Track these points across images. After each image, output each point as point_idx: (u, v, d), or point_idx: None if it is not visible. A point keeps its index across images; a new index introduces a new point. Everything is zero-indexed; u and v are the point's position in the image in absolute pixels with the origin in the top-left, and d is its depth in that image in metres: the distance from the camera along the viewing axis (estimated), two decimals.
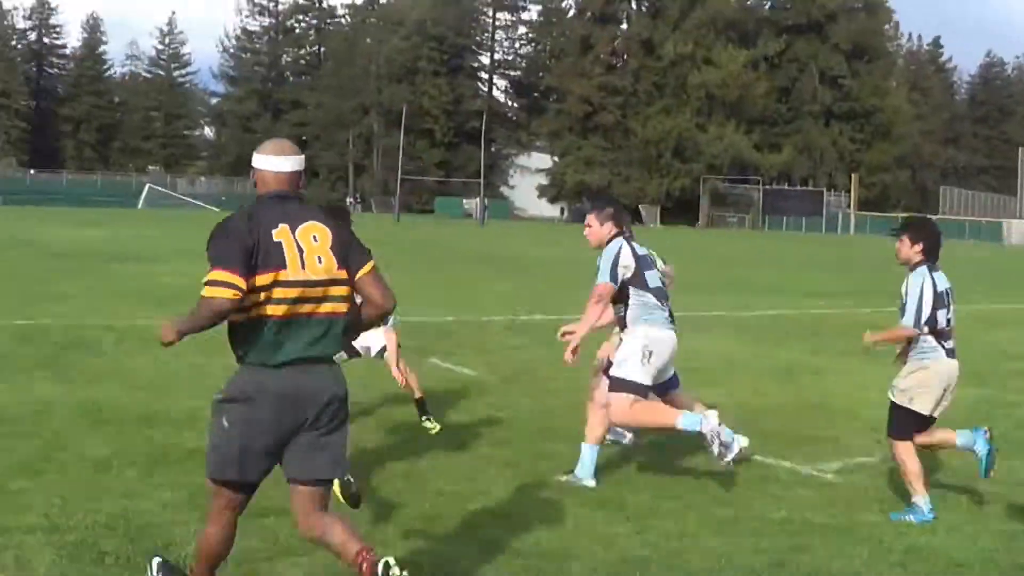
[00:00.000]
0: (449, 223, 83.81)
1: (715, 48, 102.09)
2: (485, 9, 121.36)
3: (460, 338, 14.38)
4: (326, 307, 4.03)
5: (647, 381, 6.83)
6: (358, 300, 4.27)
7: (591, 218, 7.24)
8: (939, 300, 6.45)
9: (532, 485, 7.21)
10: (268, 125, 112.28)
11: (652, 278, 7.06)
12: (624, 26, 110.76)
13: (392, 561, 3.91)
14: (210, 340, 5.94)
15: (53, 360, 10.84)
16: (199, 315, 3.93)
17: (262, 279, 3.88)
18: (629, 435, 8.13)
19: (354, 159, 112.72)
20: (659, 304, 7.00)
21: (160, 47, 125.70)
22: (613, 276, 6.88)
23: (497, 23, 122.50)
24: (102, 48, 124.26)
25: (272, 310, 3.92)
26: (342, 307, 4.09)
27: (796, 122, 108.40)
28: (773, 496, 7.17)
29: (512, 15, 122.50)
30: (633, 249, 6.99)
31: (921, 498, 6.56)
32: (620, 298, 7.03)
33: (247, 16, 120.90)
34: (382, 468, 7.38)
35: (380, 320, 4.65)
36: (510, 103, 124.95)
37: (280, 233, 3.96)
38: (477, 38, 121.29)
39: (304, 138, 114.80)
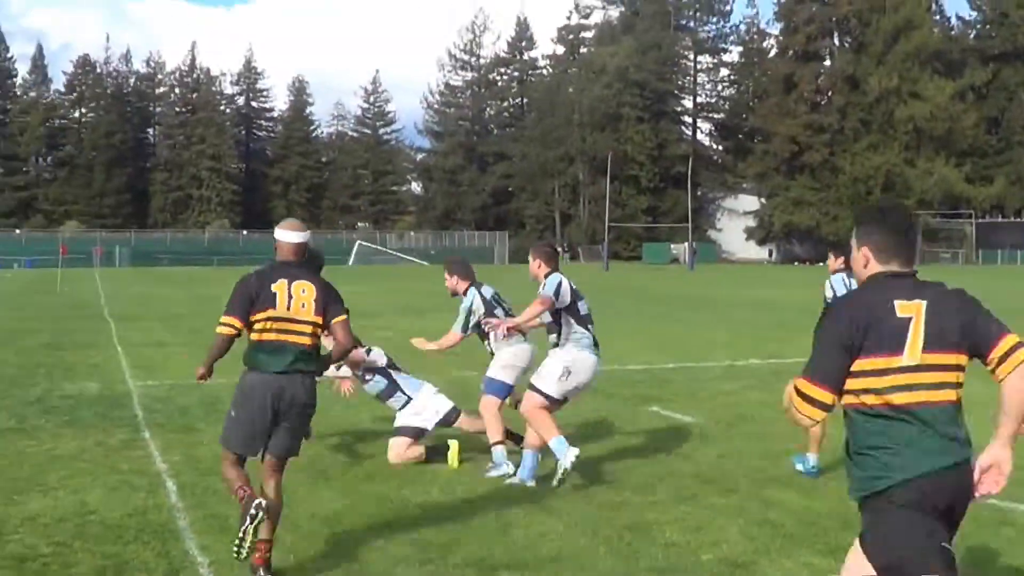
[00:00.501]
0: (658, 269, 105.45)
1: (921, 80, 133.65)
2: (686, 53, 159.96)
3: (678, 385, 18.79)
4: (307, 340, 8.41)
5: (555, 395, 11.24)
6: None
7: (531, 259, 11.85)
8: None
9: (763, 534, 9.45)
10: (474, 178, 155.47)
11: (583, 307, 11.46)
12: (827, 63, 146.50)
13: (263, 503, 8.02)
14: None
15: None
16: (213, 347, 8.42)
17: (259, 316, 8.23)
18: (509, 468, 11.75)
19: (560, 208, 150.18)
20: (586, 331, 11.45)
21: (365, 106, 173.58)
22: (556, 293, 11.19)
23: (699, 66, 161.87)
24: (308, 109, 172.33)
25: (267, 336, 8.29)
26: (313, 342, 8.44)
27: (1007, 152, 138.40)
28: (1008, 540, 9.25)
29: (713, 57, 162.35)
30: (570, 283, 11.35)
31: None
32: (554, 324, 11.40)
33: (450, 71, 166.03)
34: (611, 518, 9.79)
35: (343, 354, 8.92)
36: (715, 146, 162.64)
37: (278, 286, 8.25)
38: (679, 82, 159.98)
39: (510, 189, 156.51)
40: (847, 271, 11.88)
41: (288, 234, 8.73)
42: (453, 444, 12.39)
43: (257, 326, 8.45)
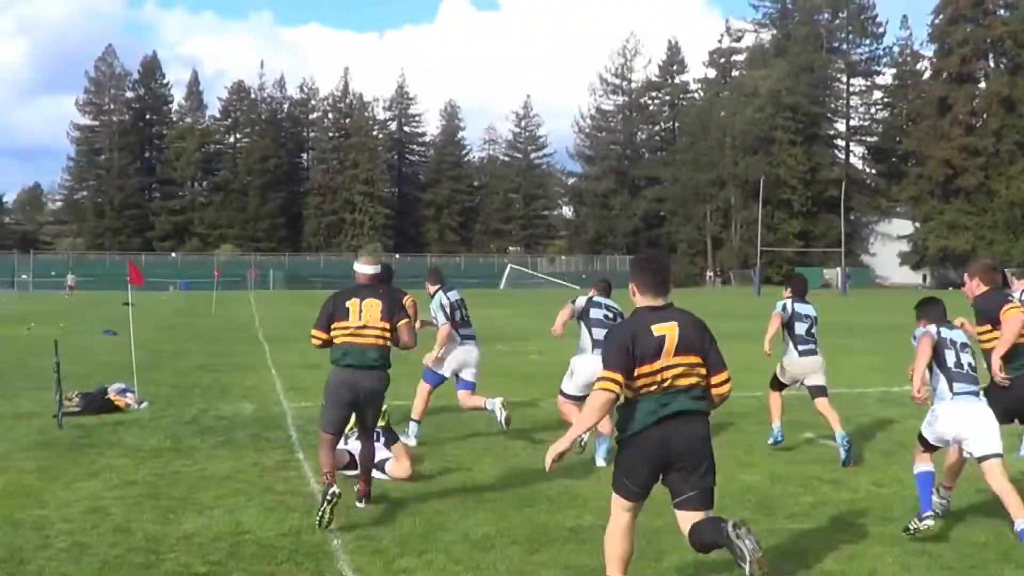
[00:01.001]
0: (810, 294, 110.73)
1: None
2: (839, 76, 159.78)
3: (839, 414, 16.44)
4: (377, 341, 11.11)
5: (568, 390, 14.04)
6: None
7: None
8: None
9: (920, 565, 9.42)
10: (625, 202, 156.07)
11: (595, 314, 14.18)
12: (982, 84, 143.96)
13: (337, 492, 10.32)
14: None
15: (430, 439, 15.75)
16: (317, 347, 11.74)
17: (339, 326, 11.10)
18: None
19: (712, 232, 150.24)
20: (592, 337, 13.87)
21: (516, 130, 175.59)
22: (573, 301, 14.55)
23: (851, 89, 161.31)
24: (460, 134, 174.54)
25: (342, 340, 11.06)
26: (383, 343, 11.10)
27: None
28: None
29: (866, 80, 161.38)
30: (590, 298, 14.38)
31: None
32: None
33: (601, 95, 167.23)
34: (765, 546, 8.65)
35: (407, 348, 11.61)
36: (868, 169, 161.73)
37: (351, 303, 11.07)
38: (832, 105, 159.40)
39: (662, 213, 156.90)
40: (792, 298, 15.62)
41: (364, 267, 11.95)
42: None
43: (336, 333, 11.38)
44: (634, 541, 8.40)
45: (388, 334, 11.40)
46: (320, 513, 10.38)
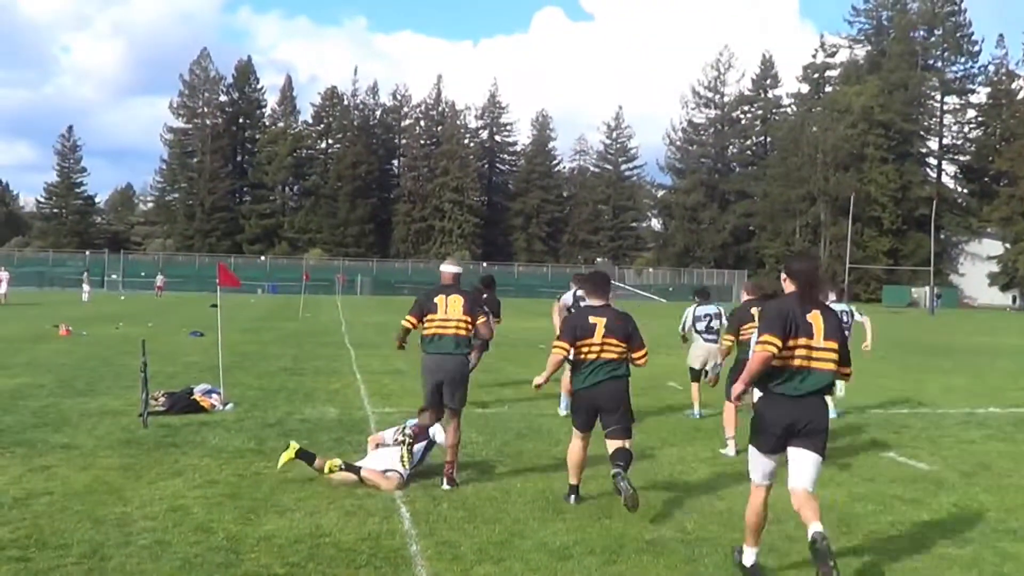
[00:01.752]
0: (897, 312, 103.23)
1: None
2: (933, 93, 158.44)
3: (915, 431, 18.47)
4: (458, 331, 13.23)
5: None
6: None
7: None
8: None
9: None
10: (715, 215, 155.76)
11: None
12: None
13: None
14: (670, 432, 16.80)
15: (510, 447, 15.98)
16: (399, 335, 14.25)
17: (428, 318, 13.32)
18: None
19: (801, 248, 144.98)
20: None
21: (607, 141, 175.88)
22: (559, 299, 18.63)
23: (945, 107, 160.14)
24: (551, 144, 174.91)
25: (431, 331, 13.22)
26: (464, 332, 13.26)
27: None
28: None
29: (960, 99, 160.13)
30: (575, 292, 17.94)
31: None
32: None
33: (693, 108, 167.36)
34: (844, 565, 9.46)
35: (485, 339, 14.56)
36: (959, 188, 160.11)
37: (438, 299, 13.31)
38: (925, 123, 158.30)
39: (751, 228, 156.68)
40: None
41: (447, 268, 14.29)
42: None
43: (426, 325, 13.57)
44: (584, 455, 12.53)
45: (468, 325, 13.55)
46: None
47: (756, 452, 9.67)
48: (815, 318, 9.49)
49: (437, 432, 13.85)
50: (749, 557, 9.57)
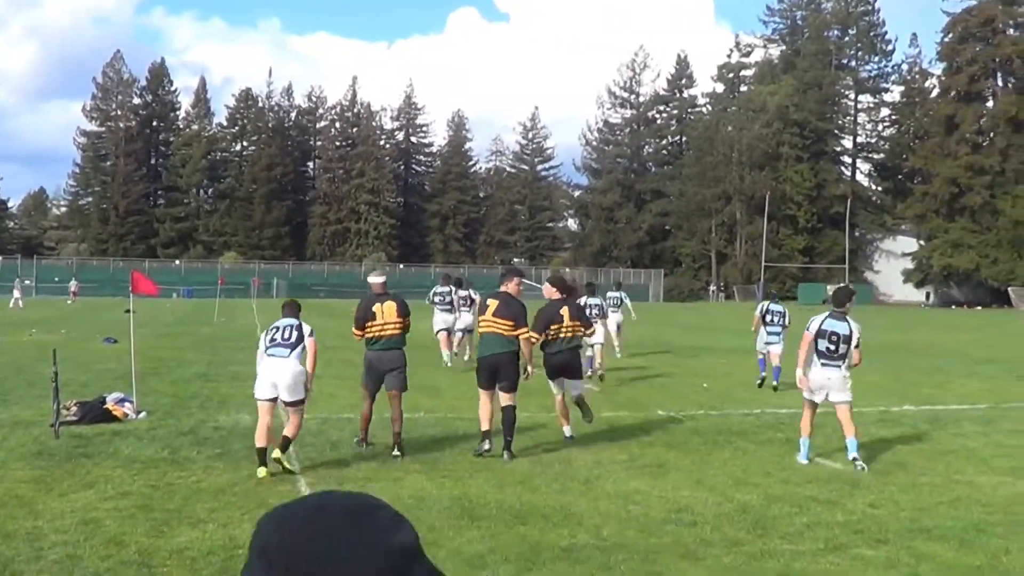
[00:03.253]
0: (813, 310, 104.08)
1: None
2: (847, 92, 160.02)
3: (830, 431, 17.62)
4: (394, 332, 16.54)
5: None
6: None
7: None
8: None
9: None
10: (631, 215, 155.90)
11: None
12: (990, 104, 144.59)
13: (365, 444, 16.53)
14: (587, 436, 16.91)
15: (426, 454, 15.96)
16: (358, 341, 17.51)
17: (368, 324, 16.59)
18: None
19: (717, 247, 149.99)
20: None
21: (523, 142, 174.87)
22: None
23: (859, 106, 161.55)
24: (467, 145, 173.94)
25: (372, 334, 16.52)
26: (399, 332, 16.58)
27: None
28: None
29: (874, 97, 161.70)
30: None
31: None
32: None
33: (609, 108, 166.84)
34: (759, 567, 9.88)
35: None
36: (873, 186, 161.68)
37: (375, 308, 16.53)
38: (839, 121, 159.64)
39: (667, 227, 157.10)
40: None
41: (375, 279, 17.54)
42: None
43: (367, 329, 16.69)
44: (493, 410, 15.92)
45: (401, 326, 16.74)
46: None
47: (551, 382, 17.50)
48: (565, 311, 17.11)
49: None
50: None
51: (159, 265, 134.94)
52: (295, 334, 15.52)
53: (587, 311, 22.55)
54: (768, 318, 27.22)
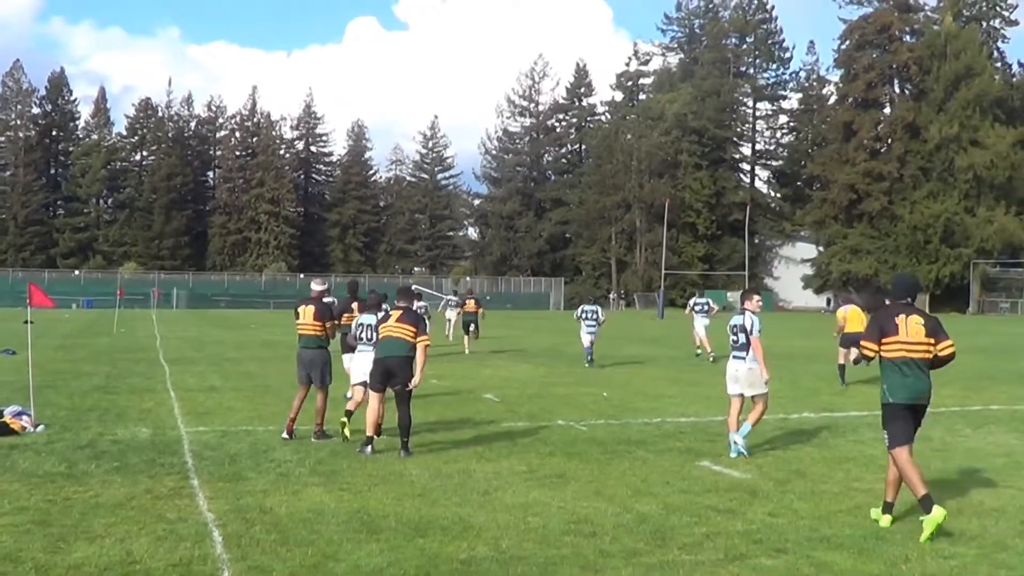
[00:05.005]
0: (714, 317, 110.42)
1: (981, 128, 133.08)
2: (745, 100, 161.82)
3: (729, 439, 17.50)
4: (313, 332, 18.80)
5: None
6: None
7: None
8: None
9: None
10: (531, 223, 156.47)
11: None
12: (887, 110, 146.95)
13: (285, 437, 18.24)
14: (487, 447, 16.82)
15: (324, 465, 15.65)
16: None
17: (296, 323, 19.22)
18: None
19: (617, 255, 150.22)
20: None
21: (423, 151, 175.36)
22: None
23: (757, 113, 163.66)
24: (367, 154, 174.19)
25: (298, 332, 18.90)
26: (317, 333, 18.82)
27: None
28: None
29: (772, 104, 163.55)
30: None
31: None
32: None
33: (508, 117, 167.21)
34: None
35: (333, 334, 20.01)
36: (772, 193, 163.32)
37: (301, 309, 18.89)
38: (737, 129, 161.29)
39: (567, 235, 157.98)
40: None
41: (314, 287, 19.59)
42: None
43: (298, 329, 18.92)
44: (382, 411, 17.40)
45: (321, 328, 18.84)
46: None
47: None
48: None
49: None
50: None
51: (59, 275, 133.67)
52: (375, 334, 18.37)
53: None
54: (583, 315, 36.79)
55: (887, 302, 13.22)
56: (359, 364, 19.09)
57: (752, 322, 17.31)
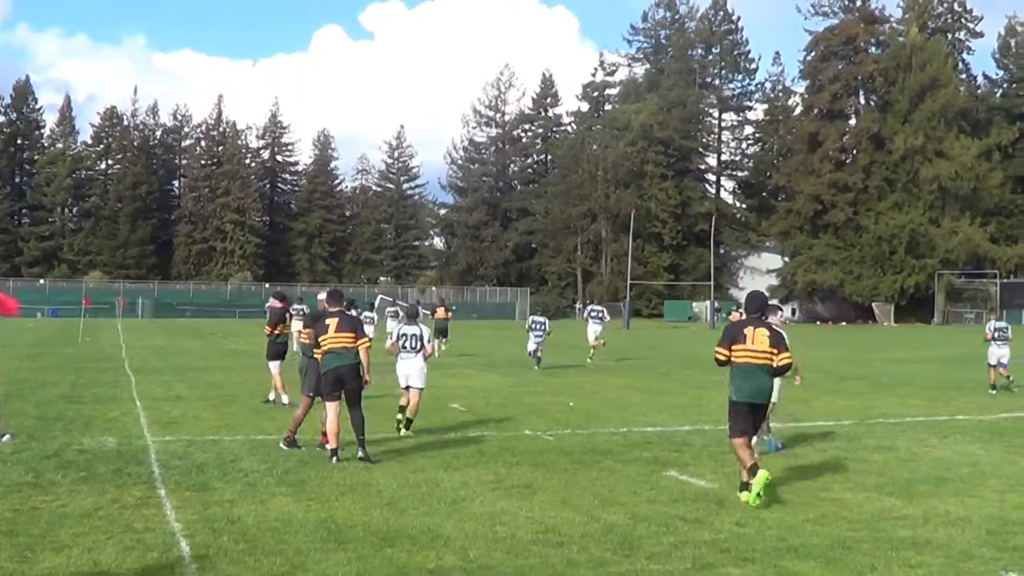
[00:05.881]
0: (678, 327, 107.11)
1: (946, 139, 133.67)
2: (711, 110, 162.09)
3: (696, 449, 18.74)
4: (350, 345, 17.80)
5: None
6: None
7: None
8: None
9: None
10: (497, 233, 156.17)
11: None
12: (852, 121, 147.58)
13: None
14: (454, 456, 17.28)
15: (292, 475, 15.77)
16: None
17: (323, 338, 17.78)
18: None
19: (583, 265, 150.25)
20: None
21: (389, 160, 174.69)
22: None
23: (723, 124, 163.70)
24: (333, 164, 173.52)
25: (325, 346, 17.60)
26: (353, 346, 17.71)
27: None
28: None
29: (738, 115, 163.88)
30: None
31: None
32: None
33: (474, 127, 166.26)
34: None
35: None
36: (738, 204, 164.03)
37: (329, 321, 17.79)
38: (703, 140, 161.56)
39: (533, 245, 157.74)
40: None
41: (328, 300, 18.77)
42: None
43: (320, 345, 17.93)
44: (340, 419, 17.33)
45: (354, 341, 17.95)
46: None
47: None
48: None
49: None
50: None
51: (23, 284, 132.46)
52: (420, 342, 20.94)
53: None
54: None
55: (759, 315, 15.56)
56: (403, 369, 21.12)
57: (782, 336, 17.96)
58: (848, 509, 13.18)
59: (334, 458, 16.93)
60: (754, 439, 16.90)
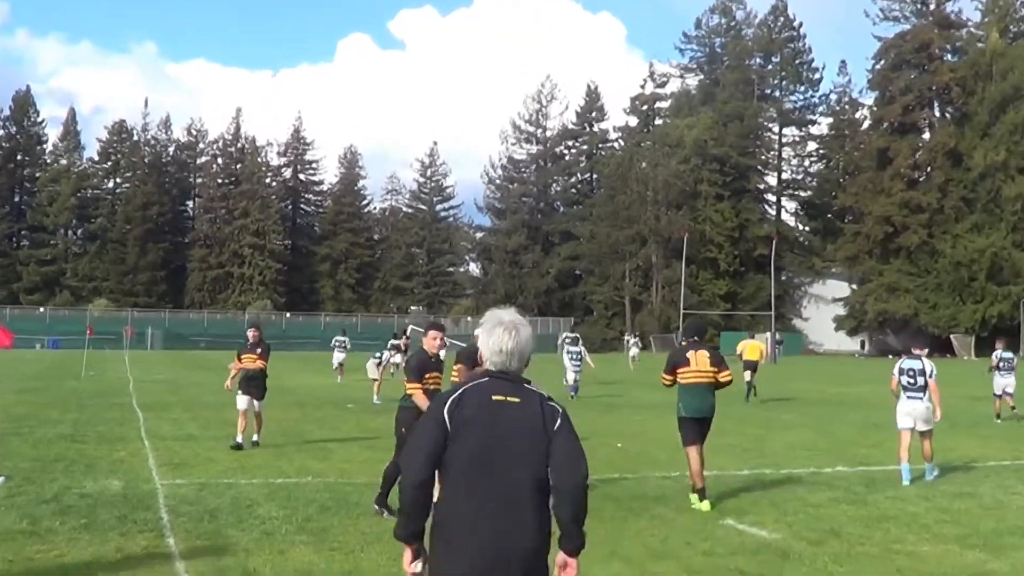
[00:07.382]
0: (737, 361, 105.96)
1: None
2: (770, 125, 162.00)
3: (755, 495, 18.52)
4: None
5: None
6: None
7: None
8: None
9: None
10: (538, 259, 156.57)
11: None
12: (926, 135, 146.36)
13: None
14: None
15: (313, 522, 15.39)
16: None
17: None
18: None
19: (631, 293, 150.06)
20: None
21: (421, 180, 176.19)
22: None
23: (784, 139, 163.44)
24: (360, 183, 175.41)
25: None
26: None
27: None
28: None
29: (800, 130, 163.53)
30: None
31: None
32: None
33: (513, 144, 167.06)
34: None
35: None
36: (801, 226, 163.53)
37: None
38: (762, 157, 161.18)
39: (577, 272, 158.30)
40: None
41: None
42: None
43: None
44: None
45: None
46: None
47: None
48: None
49: None
50: None
51: (21, 312, 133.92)
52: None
53: None
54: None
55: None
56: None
57: (931, 368, 21.28)
58: (925, 563, 12.99)
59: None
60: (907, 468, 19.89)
